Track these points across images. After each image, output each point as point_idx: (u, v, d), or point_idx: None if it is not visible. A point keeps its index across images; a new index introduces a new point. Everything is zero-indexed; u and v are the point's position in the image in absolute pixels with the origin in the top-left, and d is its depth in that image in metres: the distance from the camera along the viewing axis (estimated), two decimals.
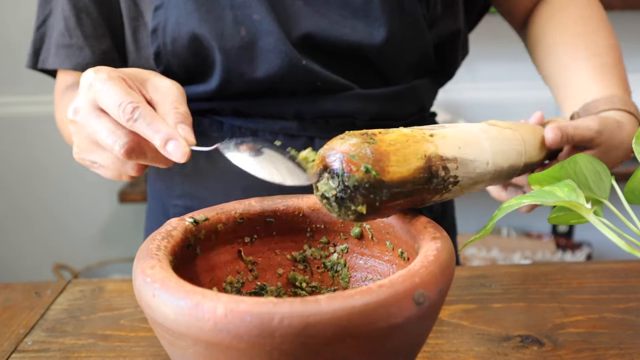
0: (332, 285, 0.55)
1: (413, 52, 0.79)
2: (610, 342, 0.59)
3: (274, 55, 0.72)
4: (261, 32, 0.72)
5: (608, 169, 0.53)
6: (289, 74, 0.73)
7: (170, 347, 0.41)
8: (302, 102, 0.77)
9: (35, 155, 2.16)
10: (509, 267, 0.77)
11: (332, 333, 0.36)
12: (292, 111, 0.77)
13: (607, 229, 0.45)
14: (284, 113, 0.77)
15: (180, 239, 0.48)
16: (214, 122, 0.80)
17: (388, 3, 0.75)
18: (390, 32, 0.75)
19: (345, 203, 0.44)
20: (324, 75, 0.75)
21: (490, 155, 0.53)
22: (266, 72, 0.73)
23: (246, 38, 0.72)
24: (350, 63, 0.77)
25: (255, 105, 0.77)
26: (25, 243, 2.22)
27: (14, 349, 0.62)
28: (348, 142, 0.45)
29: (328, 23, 0.74)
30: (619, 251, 2.14)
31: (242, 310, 0.36)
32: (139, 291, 0.41)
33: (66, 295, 0.72)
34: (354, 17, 0.75)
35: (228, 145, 0.51)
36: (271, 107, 0.77)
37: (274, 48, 0.72)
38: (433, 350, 0.59)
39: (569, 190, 0.45)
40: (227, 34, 0.72)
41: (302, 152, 0.50)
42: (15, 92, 2.11)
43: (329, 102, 0.77)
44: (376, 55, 0.76)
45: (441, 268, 0.41)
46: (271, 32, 0.72)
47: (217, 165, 0.80)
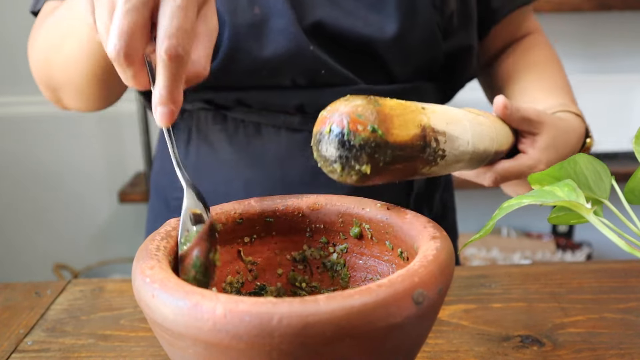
0: (331, 285, 0.55)
1: (421, 55, 0.80)
2: (610, 342, 0.59)
3: (282, 36, 0.73)
4: (274, 13, 0.73)
5: (607, 168, 0.53)
6: (296, 57, 0.74)
7: (170, 347, 0.41)
8: (306, 94, 0.77)
9: (35, 155, 2.16)
10: (509, 267, 0.77)
11: (332, 333, 0.36)
12: (295, 104, 0.77)
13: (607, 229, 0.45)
14: (287, 106, 0.78)
15: None
16: (218, 115, 0.80)
17: (402, 1, 0.76)
18: (401, 29, 0.76)
19: (349, 163, 0.45)
20: (330, 64, 0.75)
21: (470, 136, 0.54)
22: (273, 52, 0.74)
23: (258, 17, 0.73)
24: (357, 56, 0.77)
25: (258, 96, 0.77)
26: (25, 243, 2.22)
27: (14, 349, 0.62)
28: (353, 102, 0.46)
29: (341, 13, 0.75)
30: (619, 251, 2.14)
31: (241, 310, 0.36)
32: (139, 291, 0.41)
33: (66, 295, 0.72)
34: (367, 10, 0.76)
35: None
36: (274, 98, 0.77)
37: (284, 30, 0.73)
38: (433, 350, 0.59)
39: (569, 190, 0.45)
40: (240, 10, 0.73)
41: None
42: (15, 92, 2.11)
43: (332, 96, 0.77)
44: (385, 51, 0.77)
45: (440, 268, 0.41)
46: (283, 14, 0.73)
47: (219, 158, 0.81)
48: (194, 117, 0.82)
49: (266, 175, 0.79)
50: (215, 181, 0.80)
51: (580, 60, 2.14)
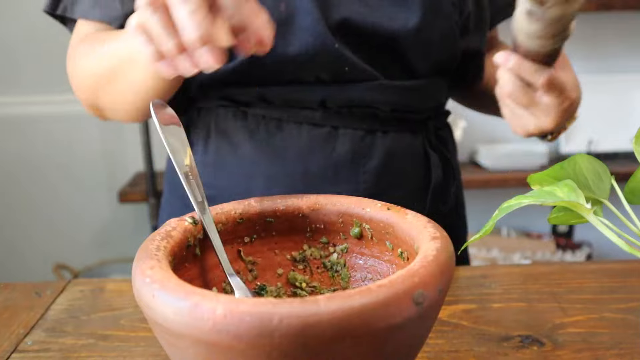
0: (331, 285, 0.55)
1: (440, 50, 0.82)
2: (610, 342, 0.59)
3: (308, 34, 0.74)
4: (300, 11, 0.74)
5: (607, 169, 0.53)
6: (320, 54, 0.75)
7: (170, 347, 0.41)
8: (328, 89, 0.78)
9: (35, 155, 2.16)
10: (509, 267, 0.77)
11: (332, 333, 0.36)
12: (318, 99, 0.78)
13: (607, 229, 0.45)
14: (309, 101, 0.79)
15: (180, 239, 0.48)
16: (238, 112, 0.81)
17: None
18: (422, 22, 0.78)
19: None
20: (353, 61, 0.77)
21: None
22: (298, 50, 0.75)
23: (284, 14, 0.74)
24: (380, 52, 0.79)
25: (280, 91, 0.78)
26: (25, 243, 2.22)
27: (14, 349, 0.62)
28: None
29: (367, 9, 0.77)
30: (619, 251, 2.14)
31: (241, 310, 0.36)
32: (139, 292, 0.41)
33: (66, 295, 0.72)
34: (392, 5, 0.78)
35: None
36: (297, 93, 0.78)
37: (309, 27, 0.74)
38: (433, 350, 0.59)
39: (569, 190, 0.45)
40: (266, 6, 0.73)
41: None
42: (15, 92, 2.11)
43: (353, 91, 0.79)
44: (407, 45, 0.78)
45: (441, 268, 0.41)
46: (309, 12, 0.74)
47: (239, 154, 0.81)
48: (213, 115, 0.82)
49: (287, 171, 0.79)
50: (235, 178, 0.81)
51: (580, 60, 2.14)
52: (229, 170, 0.82)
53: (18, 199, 2.19)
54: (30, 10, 2.02)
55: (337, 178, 0.80)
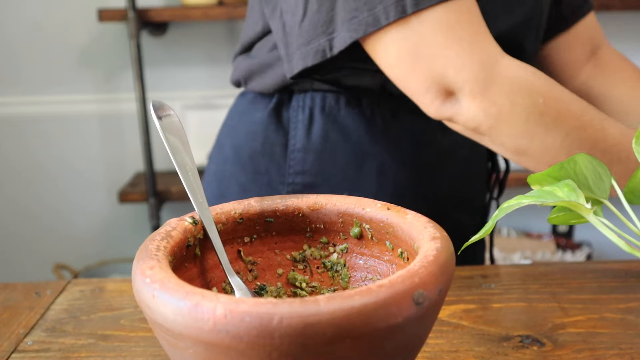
0: (331, 285, 0.55)
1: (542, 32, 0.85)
2: (610, 342, 0.59)
3: None
4: None
5: (607, 169, 0.53)
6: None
7: (170, 347, 0.41)
8: None
9: (35, 155, 2.16)
10: (509, 267, 0.77)
11: (332, 333, 0.36)
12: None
13: (607, 229, 0.45)
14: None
15: (180, 239, 0.48)
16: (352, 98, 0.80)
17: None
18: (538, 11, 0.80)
19: None
20: None
21: None
22: None
23: None
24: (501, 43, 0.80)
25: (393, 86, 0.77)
26: (25, 243, 2.22)
27: (14, 349, 0.62)
28: None
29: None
30: (619, 251, 2.14)
31: (241, 310, 0.36)
32: (139, 292, 0.41)
33: (66, 295, 0.72)
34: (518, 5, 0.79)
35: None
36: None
37: None
38: (433, 350, 0.59)
39: (569, 190, 0.45)
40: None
41: None
42: (15, 92, 2.11)
43: None
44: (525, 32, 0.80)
45: (441, 268, 0.41)
46: None
47: (351, 142, 0.80)
48: (316, 99, 0.80)
49: (401, 160, 0.79)
50: (345, 166, 0.80)
51: None
52: (339, 157, 0.80)
53: (18, 199, 2.19)
54: (30, 10, 2.02)
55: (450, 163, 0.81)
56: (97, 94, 2.11)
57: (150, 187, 1.95)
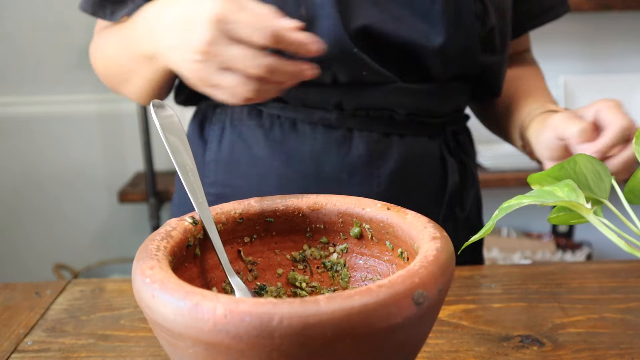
0: (331, 285, 0.55)
1: (462, 63, 0.81)
2: (610, 342, 0.59)
3: (327, 38, 0.73)
4: (320, 15, 0.74)
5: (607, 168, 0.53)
6: (338, 59, 0.75)
7: (170, 347, 0.41)
8: (344, 92, 0.78)
9: (35, 155, 2.16)
10: (509, 267, 0.77)
11: (332, 333, 0.36)
12: (334, 101, 0.78)
13: (607, 228, 0.45)
14: (325, 103, 0.79)
15: (180, 239, 0.48)
16: (253, 109, 0.81)
17: (448, 10, 0.77)
18: (446, 40, 0.77)
19: None
20: (372, 65, 0.76)
21: None
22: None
23: (304, 18, 0.74)
24: (400, 58, 0.79)
25: (297, 93, 0.78)
26: (25, 243, 2.22)
27: (14, 349, 0.62)
28: None
29: (388, 17, 0.76)
30: (619, 251, 2.14)
31: (241, 310, 0.36)
32: (139, 292, 0.41)
33: (66, 295, 0.72)
34: (414, 17, 0.77)
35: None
36: (313, 95, 0.78)
37: (329, 33, 0.74)
38: (433, 350, 0.59)
39: (569, 190, 0.45)
40: (287, 10, 0.73)
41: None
42: (15, 92, 2.11)
43: (370, 94, 0.79)
44: (428, 57, 0.78)
45: (441, 268, 0.41)
46: (329, 17, 0.74)
47: (253, 154, 0.81)
48: (229, 112, 0.82)
49: (301, 172, 0.80)
50: (248, 177, 0.81)
51: (580, 60, 2.14)
52: (243, 169, 0.81)
53: (18, 199, 2.19)
54: (30, 10, 2.02)
55: (351, 181, 0.80)
56: (97, 94, 2.11)
57: (150, 187, 1.95)
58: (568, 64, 2.13)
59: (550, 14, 0.94)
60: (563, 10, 0.94)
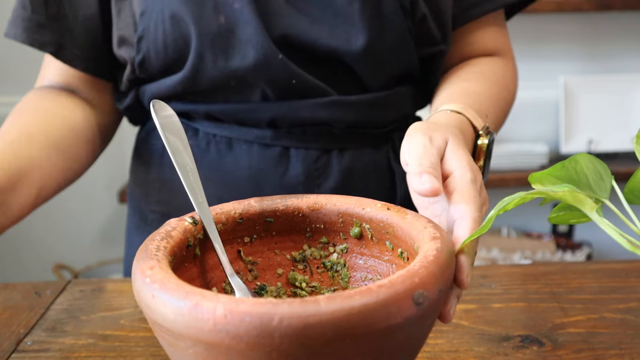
0: (331, 285, 0.55)
1: (394, 63, 0.76)
2: (610, 342, 0.59)
3: (250, 46, 0.71)
4: (240, 22, 0.71)
5: (608, 168, 0.53)
6: (264, 67, 0.72)
7: (170, 347, 0.41)
8: (276, 108, 0.75)
9: None
10: (509, 267, 0.77)
11: (332, 333, 0.36)
12: (266, 118, 0.75)
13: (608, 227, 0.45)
14: (258, 120, 0.76)
15: (180, 239, 0.48)
16: (189, 128, 0.78)
17: (367, 9, 0.72)
18: (369, 40, 0.72)
19: None
20: (300, 73, 0.73)
21: None
22: (240, 63, 0.72)
23: (224, 26, 0.71)
24: (327, 66, 0.75)
25: (228, 110, 0.76)
26: (25, 243, 2.22)
27: (14, 349, 0.62)
28: None
29: (307, 23, 0.72)
30: (619, 251, 2.14)
31: (241, 310, 0.36)
32: (139, 292, 0.41)
33: (66, 295, 0.72)
34: (334, 19, 0.73)
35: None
36: (245, 112, 0.76)
37: (251, 39, 0.71)
38: (433, 350, 0.59)
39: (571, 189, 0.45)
40: (206, 19, 0.71)
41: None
42: (15, 92, 2.11)
43: (304, 108, 0.75)
44: (354, 62, 0.74)
45: (441, 268, 0.41)
46: (250, 23, 0.71)
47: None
48: None
49: (239, 193, 0.76)
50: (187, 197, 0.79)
51: (580, 60, 2.14)
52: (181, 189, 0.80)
53: None
54: None
55: None
56: None
57: None
58: (568, 64, 2.13)
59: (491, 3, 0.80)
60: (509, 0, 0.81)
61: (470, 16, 0.81)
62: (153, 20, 0.73)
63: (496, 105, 0.77)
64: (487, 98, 0.75)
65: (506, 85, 0.82)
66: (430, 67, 0.81)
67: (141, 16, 0.73)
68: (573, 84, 2.08)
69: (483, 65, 0.82)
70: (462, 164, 0.52)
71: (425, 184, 0.48)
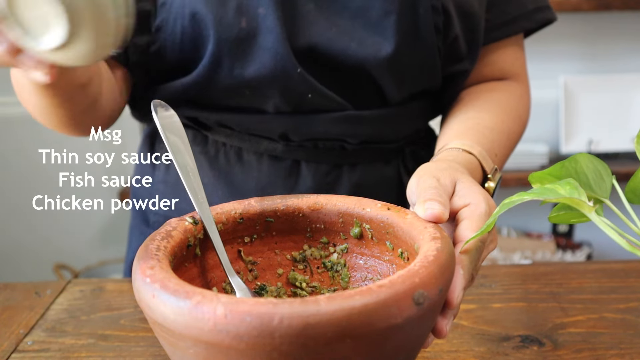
0: (332, 286, 0.55)
1: (419, 79, 0.75)
2: (610, 342, 0.59)
3: (269, 55, 0.69)
4: (262, 28, 0.68)
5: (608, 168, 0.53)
6: (281, 79, 0.70)
7: (170, 347, 0.41)
8: (290, 121, 0.73)
9: (35, 154, 2.16)
10: (509, 267, 0.77)
11: (332, 333, 0.36)
12: (279, 130, 0.74)
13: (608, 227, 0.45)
14: (270, 132, 0.74)
15: (180, 239, 0.48)
16: (199, 135, 0.77)
17: (404, 23, 0.70)
18: (397, 50, 0.71)
19: None
20: (318, 87, 0.71)
21: None
22: (257, 72, 0.69)
23: (245, 31, 0.68)
24: (350, 79, 0.73)
25: (240, 119, 0.74)
26: (25, 243, 2.22)
27: (14, 349, 0.61)
28: None
29: (335, 33, 0.70)
30: (619, 251, 2.14)
31: (242, 310, 0.36)
32: (139, 292, 0.41)
33: (66, 295, 0.72)
34: (365, 30, 0.71)
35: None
36: (257, 123, 0.74)
37: (271, 48, 0.68)
38: (433, 350, 0.59)
39: (571, 188, 0.45)
40: (226, 21, 0.68)
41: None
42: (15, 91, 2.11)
43: (318, 123, 0.73)
44: (379, 73, 0.72)
45: (441, 268, 0.41)
46: (272, 31, 0.68)
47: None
48: None
49: (247, 195, 0.73)
50: (190, 204, 0.79)
51: (580, 60, 2.14)
52: (185, 195, 0.79)
53: (18, 199, 2.19)
54: None
55: None
56: None
57: None
58: (568, 64, 2.13)
59: (513, 27, 0.79)
60: (530, 24, 0.80)
61: (494, 37, 0.80)
62: (172, 14, 0.70)
63: (507, 142, 0.76)
64: (498, 134, 0.74)
65: (519, 117, 0.81)
66: (450, 84, 0.79)
67: (161, 6, 0.70)
68: (573, 84, 2.08)
69: (500, 94, 0.81)
70: (477, 197, 0.52)
71: (428, 210, 0.48)
